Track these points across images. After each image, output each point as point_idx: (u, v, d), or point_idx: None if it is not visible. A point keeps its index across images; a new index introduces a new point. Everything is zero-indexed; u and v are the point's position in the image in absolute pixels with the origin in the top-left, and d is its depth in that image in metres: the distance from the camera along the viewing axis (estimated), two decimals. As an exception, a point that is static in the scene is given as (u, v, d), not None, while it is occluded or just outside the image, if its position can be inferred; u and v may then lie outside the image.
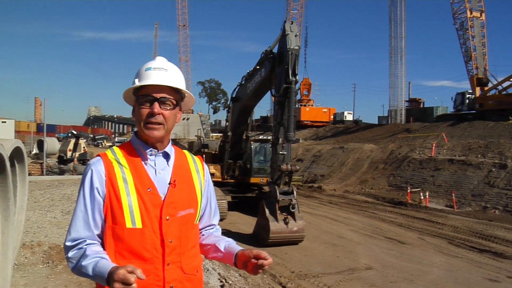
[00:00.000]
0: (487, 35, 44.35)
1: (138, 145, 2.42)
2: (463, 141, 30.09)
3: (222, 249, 2.55)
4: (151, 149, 2.40)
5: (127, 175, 2.32)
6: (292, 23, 13.62)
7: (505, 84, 42.21)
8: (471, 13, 43.20)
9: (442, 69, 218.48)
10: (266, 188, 15.60)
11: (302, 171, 33.54)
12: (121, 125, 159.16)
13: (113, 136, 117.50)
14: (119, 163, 2.34)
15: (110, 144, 78.57)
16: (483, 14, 43.93)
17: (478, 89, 43.48)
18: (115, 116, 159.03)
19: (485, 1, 44.42)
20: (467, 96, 45.37)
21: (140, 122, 2.36)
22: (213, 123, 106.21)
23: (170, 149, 2.48)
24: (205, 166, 2.67)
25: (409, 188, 23.48)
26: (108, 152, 2.41)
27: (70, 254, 2.24)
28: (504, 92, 42.02)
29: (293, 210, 12.66)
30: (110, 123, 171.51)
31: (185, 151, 2.64)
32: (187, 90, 2.48)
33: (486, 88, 43.51)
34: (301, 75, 67.53)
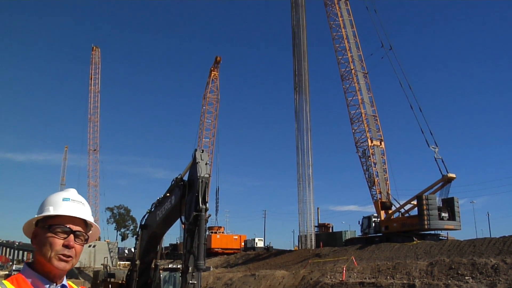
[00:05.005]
0: (387, 161, 47.56)
1: (35, 278, 2.18)
2: (372, 264, 30.73)
3: None
4: (50, 283, 2.20)
5: None
6: (203, 151, 13.92)
7: (407, 207, 44.61)
8: (371, 142, 46.51)
9: (349, 194, 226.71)
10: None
11: (214, 300, 32.56)
12: (20, 252, 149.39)
13: (10, 263, 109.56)
14: None
15: (6, 273, 73.14)
16: (383, 143, 47.36)
17: (382, 213, 45.65)
18: (14, 241, 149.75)
19: (384, 130, 48.06)
20: (373, 219, 47.26)
21: (48, 253, 2.17)
22: (122, 251, 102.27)
23: (65, 282, 2.32)
24: None
25: (322, 315, 23.27)
26: (-4, 288, 2.17)
27: None
28: (407, 215, 44.30)
29: None
30: (8, 249, 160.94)
31: (70, 282, 2.43)
32: (95, 223, 2.42)
33: (390, 211, 45.72)
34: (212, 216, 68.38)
